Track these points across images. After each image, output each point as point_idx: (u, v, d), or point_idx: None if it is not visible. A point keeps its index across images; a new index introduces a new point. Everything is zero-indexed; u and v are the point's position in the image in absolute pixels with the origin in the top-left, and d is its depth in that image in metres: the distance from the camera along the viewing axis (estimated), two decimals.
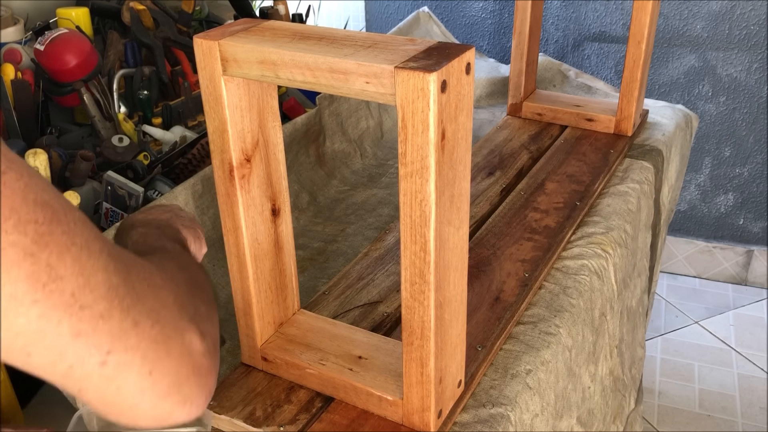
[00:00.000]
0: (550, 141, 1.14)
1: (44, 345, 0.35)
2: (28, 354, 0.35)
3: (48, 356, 0.35)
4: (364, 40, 0.51)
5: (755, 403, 1.78)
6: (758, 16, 1.92)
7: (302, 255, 0.90)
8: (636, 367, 1.15)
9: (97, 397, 0.39)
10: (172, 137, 1.01)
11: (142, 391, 0.39)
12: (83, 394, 0.38)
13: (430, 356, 0.55)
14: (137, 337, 0.38)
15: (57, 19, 1.08)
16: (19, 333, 0.34)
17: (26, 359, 0.35)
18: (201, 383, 0.43)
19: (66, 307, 0.35)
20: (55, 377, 0.37)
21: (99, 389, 0.38)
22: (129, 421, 0.41)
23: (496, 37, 2.24)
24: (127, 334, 0.38)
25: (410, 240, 0.51)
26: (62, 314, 0.35)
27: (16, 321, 0.33)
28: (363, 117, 1.16)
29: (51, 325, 0.34)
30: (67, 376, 0.37)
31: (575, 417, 0.81)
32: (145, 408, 0.40)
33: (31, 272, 0.33)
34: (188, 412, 0.42)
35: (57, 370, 0.36)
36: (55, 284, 0.34)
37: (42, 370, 0.36)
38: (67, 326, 0.35)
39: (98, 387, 0.38)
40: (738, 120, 2.06)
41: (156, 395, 0.40)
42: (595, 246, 0.89)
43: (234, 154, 0.57)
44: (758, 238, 2.17)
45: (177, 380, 0.41)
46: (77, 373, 0.37)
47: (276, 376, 0.66)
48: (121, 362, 0.37)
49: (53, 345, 0.35)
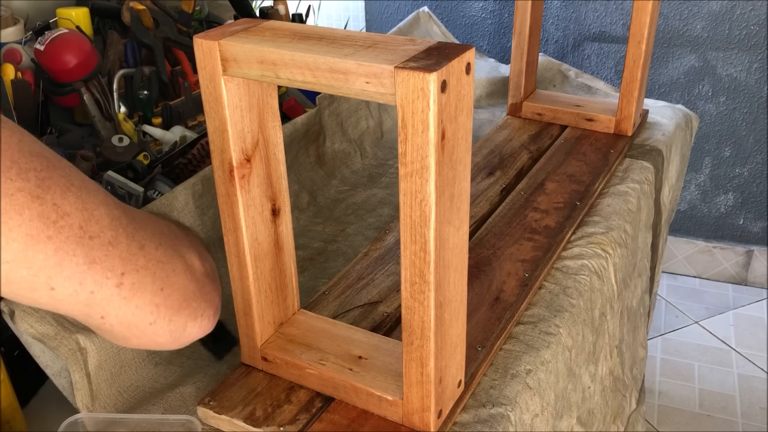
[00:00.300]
0: (550, 141, 1.14)
1: (64, 276, 0.39)
2: (52, 288, 0.39)
3: (69, 286, 0.39)
4: (364, 40, 0.51)
5: (755, 403, 1.78)
6: (758, 16, 1.92)
7: (302, 255, 0.90)
8: (637, 367, 1.15)
9: (120, 320, 0.42)
10: (172, 137, 1.01)
11: (158, 307, 0.44)
12: (107, 319, 0.42)
13: (430, 356, 0.55)
14: (145, 258, 0.43)
15: (57, 19, 1.08)
16: (41, 268, 0.37)
17: (51, 294, 0.39)
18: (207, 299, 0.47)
19: (77, 239, 0.39)
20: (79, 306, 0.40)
21: (120, 311, 0.42)
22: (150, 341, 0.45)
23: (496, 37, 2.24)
24: (136, 257, 0.42)
25: (410, 240, 0.51)
26: (75, 246, 0.38)
27: (36, 257, 0.37)
28: (363, 117, 1.16)
29: (67, 257, 0.38)
30: (90, 304, 0.41)
31: (575, 417, 0.81)
32: (162, 324, 0.44)
33: (40, 212, 0.37)
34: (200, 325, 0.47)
35: (80, 299, 0.40)
36: (63, 221, 0.38)
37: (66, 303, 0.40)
38: (82, 256, 0.39)
39: (119, 309, 0.42)
40: (738, 120, 2.06)
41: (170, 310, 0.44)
42: (595, 246, 0.89)
43: (234, 154, 0.57)
44: (758, 238, 2.17)
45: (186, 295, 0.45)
46: (98, 298, 0.41)
47: (276, 376, 0.66)
48: (134, 282, 0.42)
49: (72, 275, 0.39)
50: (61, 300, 0.40)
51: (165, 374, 0.71)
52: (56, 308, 0.41)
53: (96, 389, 0.66)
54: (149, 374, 0.70)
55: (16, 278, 0.37)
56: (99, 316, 0.42)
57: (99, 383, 0.66)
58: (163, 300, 0.44)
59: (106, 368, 0.67)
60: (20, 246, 0.36)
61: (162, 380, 0.70)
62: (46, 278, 0.38)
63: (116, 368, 0.68)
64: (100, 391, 0.66)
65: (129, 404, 0.67)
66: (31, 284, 0.38)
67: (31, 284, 0.38)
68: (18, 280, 0.37)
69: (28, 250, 0.37)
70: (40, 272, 0.38)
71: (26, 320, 0.62)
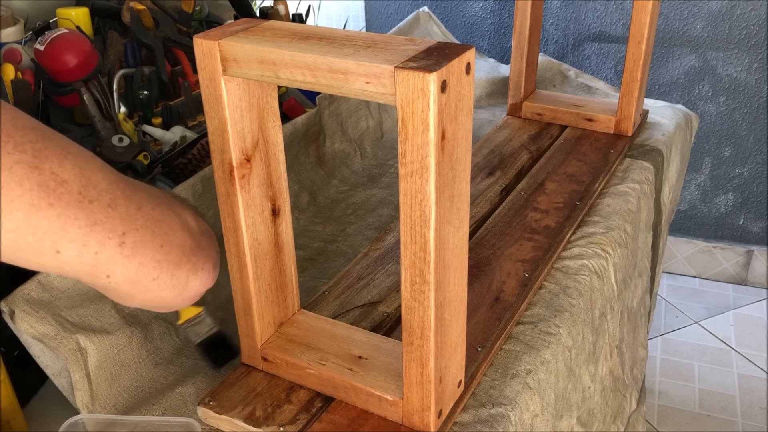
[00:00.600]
0: (550, 141, 1.14)
1: (68, 239, 0.41)
2: (58, 251, 0.41)
3: (74, 249, 0.42)
4: (364, 40, 0.51)
5: (755, 403, 1.78)
6: (758, 16, 1.92)
7: (302, 255, 0.90)
8: (638, 367, 1.15)
9: (124, 277, 0.45)
10: (172, 137, 1.01)
11: (159, 263, 0.46)
12: (112, 278, 0.45)
13: (430, 356, 0.55)
14: (143, 218, 0.45)
15: (57, 19, 1.08)
16: (46, 233, 0.40)
17: (57, 257, 0.41)
18: (206, 254, 0.49)
19: (77, 204, 0.41)
20: (85, 267, 0.43)
21: (124, 269, 0.44)
22: (155, 296, 0.48)
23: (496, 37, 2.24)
24: (134, 217, 0.45)
25: (410, 240, 0.51)
26: (76, 210, 0.41)
27: (40, 224, 0.40)
28: (363, 117, 1.16)
29: (70, 221, 0.41)
30: (96, 264, 0.43)
31: (575, 417, 0.81)
32: (165, 279, 0.47)
33: (39, 181, 0.39)
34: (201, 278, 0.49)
35: (85, 260, 0.43)
36: (62, 188, 0.40)
37: (73, 265, 0.42)
38: (83, 219, 0.41)
39: (123, 267, 0.44)
40: (738, 120, 2.06)
41: (171, 265, 0.47)
42: (595, 246, 0.89)
43: (234, 154, 0.57)
44: (758, 238, 2.17)
45: (184, 251, 0.48)
46: (103, 258, 0.43)
47: (276, 376, 0.66)
48: (136, 241, 0.44)
49: (76, 237, 0.41)
50: (67, 262, 0.42)
51: (165, 374, 0.71)
52: (63, 271, 0.43)
53: (96, 389, 0.66)
54: (149, 374, 0.70)
55: (23, 245, 0.40)
56: (105, 276, 0.44)
57: (99, 383, 0.66)
58: (164, 256, 0.46)
59: (106, 368, 0.67)
60: (23, 215, 0.39)
61: (162, 380, 0.70)
62: (51, 242, 0.41)
63: (116, 368, 0.68)
64: (100, 391, 0.66)
65: (129, 404, 0.67)
66: (38, 249, 0.40)
67: (38, 249, 0.40)
68: (25, 246, 0.40)
69: (31, 218, 0.39)
70: (45, 237, 0.40)
71: (26, 320, 0.62)
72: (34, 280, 0.64)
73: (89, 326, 0.66)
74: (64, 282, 0.65)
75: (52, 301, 0.64)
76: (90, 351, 0.65)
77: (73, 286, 0.66)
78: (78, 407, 0.65)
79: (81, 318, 0.66)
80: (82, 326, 0.66)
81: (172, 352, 0.73)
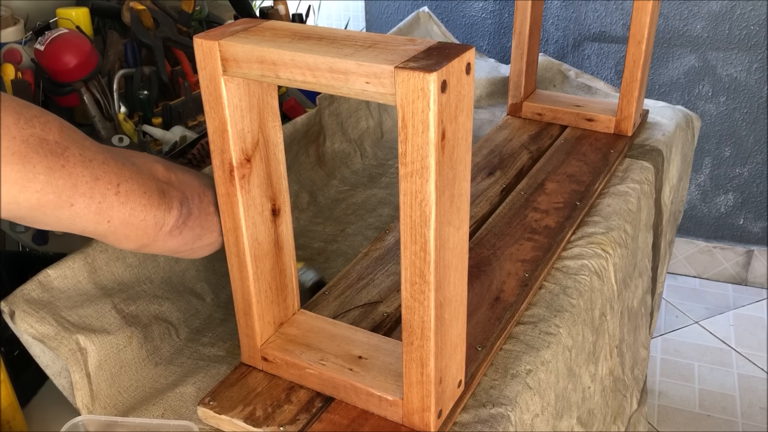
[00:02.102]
0: (550, 141, 1.14)
1: (80, 193, 0.51)
2: (72, 204, 0.51)
3: (84, 200, 0.51)
4: (364, 40, 0.51)
5: (755, 403, 1.78)
6: (758, 16, 1.92)
7: (302, 255, 0.90)
8: (639, 367, 1.15)
9: (120, 221, 0.54)
10: (172, 137, 1.01)
11: (144, 206, 0.56)
12: (112, 222, 0.54)
13: (430, 356, 0.55)
14: (129, 170, 0.55)
15: (57, 19, 1.08)
16: (63, 189, 0.49)
17: (72, 209, 0.51)
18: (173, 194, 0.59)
19: (81, 162, 0.50)
20: (91, 215, 0.52)
21: (120, 213, 0.54)
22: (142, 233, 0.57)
23: (496, 37, 2.24)
24: (123, 170, 0.54)
25: (410, 240, 0.51)
26: (82, 168, 0.51)
27: (57, 183, 0.49)
28: (363, 117, 1.16)
29: (79, 178, 0.50)
30: (99, 212, 0.53)
31: (575, 417, 0.81)
32: (149, 218, 0.56)
33: (49, 149, 0.48)
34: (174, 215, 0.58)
35: (92, 209, 0.52)
36: (68, 152, 0.50)
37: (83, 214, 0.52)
38: (88, 175, 0.51)
39: (119, 212, 0.54)
40: (738, 120, 2.06)
41: (152, 206, 0.56)
42: (595, 246, 0.89)
43: (234, 154, 0.57)
44: (758, 238, 2.17)
45: (159, 194, 0.57)
46: (105, 206, 0.53)
47: (276, 376, 0.66)
48: (128, 189, 0.54)
49: (85, 191, 0.51)
50: (78, 213, 0.51)
51: (165, 374, 0.71)
52: (74, 221, 0.52)
53: (96, 389, 0.66)
54: (149, 374, 0.70)
55: (46, 201, 0.49)
56: (106, 221, 0.53)
57: (99, 383, 0.66)
58: (148, 200, 0.56)
59: (106, 368, 0.67)
60: (44, 177, 0.48)
61: (162, 380, 0.70)
62: (67, 197, 0.50)
63: (116, 368, 0.68)
64: (100, 391, 0.66)
65: (129, 404, 0.67)
66: (57, 203, 0.50)
67: (57, 203, 0.50)
68: (47, 203, 0.49)
69: (51, 179, 0.48)
70: (62, 193, 0.49)
71: (26, 320, 0.62)
72: (34, 280, 0.64)
73: (89, 326, 0.66)
74: (64, 282, 0.65)
75: (52, 301, 0.64)
76: (90, 351, 0.65)
77: (73, 286, 0.66)
78: (78, 407, 0.65)
79: (81, 318, 0.66)
80: (82, 326, 0.66)
81: (172, 352, 0.73)
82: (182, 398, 0.67)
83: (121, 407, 0.67)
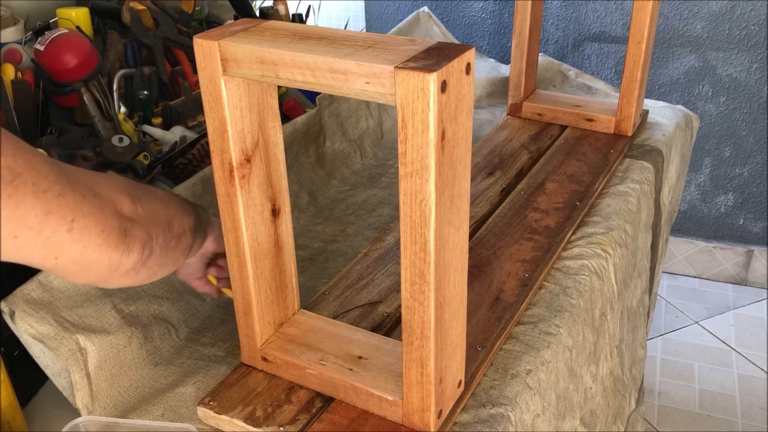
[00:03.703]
0: (550, 141, 1.14)
1: (26, 226, 0.46)
2: (16, 237, 0.46)
3: (30, 234, 0.46)
4: (364, 40, 0.51)
5: (755, 403, 1.78)
6: (758, 16, 1.92)
7: (302, 255, 0.90)
8: (637, 367, 1.15)
9: (71, 259, 0.50)
10: (172, 137, 1.01)
11: (100, 246, 0.51)
12: (60, 260, 0.49)
13: (430, 356, 0.55)
14: (88, 206, 0.50)
15: (57, 19, 1.08)
16: (7, 221, 0.45)
17: (15, 242, 0.46)
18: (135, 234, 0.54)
19: (33, 194, 0.46)
20: (38, 251, 0.48)
21: (71, 251, 0.49)
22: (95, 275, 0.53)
23: (496, 37, 2.24)
24: (80, 205, 0.49)
25: (410, 240, 0.51)
26: (33, 200, 0.46)
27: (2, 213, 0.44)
28: (363, 117, 1.16)
29: (27, 209, 0.45)
30: (47, 247, 0.48)
31: (578, 418, 0.81)
32: (103, 260, 0.52)
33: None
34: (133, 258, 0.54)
35: (38, 244, 0.47)
36: (18, 179, 0.45)
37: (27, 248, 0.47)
38: (39, 208, 0.46)
39: (70, 250, 0.49)
40: (738, 120, 2.06)
41: (109, 247, 0.52)
42: (595, 246, 0.89)
43: (234, 154, 0.57)
44: (758, 238, 2.17)
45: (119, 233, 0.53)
46: (54, 243, 0.48)
47: (276, 376, 0.66)
48: (82, 226, 0.49)
49: (33, 225, 0.46)
50: (22, 247, 0.47)
51: (165, 374, 0.71)
52: (17, 254, 0.47)
53: (96, 389, 0.66)
54: (149, 374, 0.70)
55: None
56: (53, 258, 0.49)
57: (99, 383, 0.66)
58: (105, 240, 0.51)
59: (106, 369, 0.67)
60: None
61: (162, 380, 0.70)
62: (11, 229, 0.45)
63: (116, 368, 0.68)
64: (100, 391, 0.66)
65: (129, 404, 0.67)
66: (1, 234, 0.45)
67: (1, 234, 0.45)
68: None
69: None
70: (6, 225, 0.45)
71: (26, 320, 0.62)
72: (34, 280, 0.64)
73: (89, 326, 0.66)
74: (64, 282, 0.65)
75: (52, 301, 0.64)
76: (90, 351, 0.65)
77: (73, 286, 0.66)
78: (78, 407, 0.65)
79: (81, 318, 0.66)
80: (82, 326, 0.66)
81: (172, 352, 0.73)
82: (182, 398, 0.67)
83: (121, 407, 0.67)
